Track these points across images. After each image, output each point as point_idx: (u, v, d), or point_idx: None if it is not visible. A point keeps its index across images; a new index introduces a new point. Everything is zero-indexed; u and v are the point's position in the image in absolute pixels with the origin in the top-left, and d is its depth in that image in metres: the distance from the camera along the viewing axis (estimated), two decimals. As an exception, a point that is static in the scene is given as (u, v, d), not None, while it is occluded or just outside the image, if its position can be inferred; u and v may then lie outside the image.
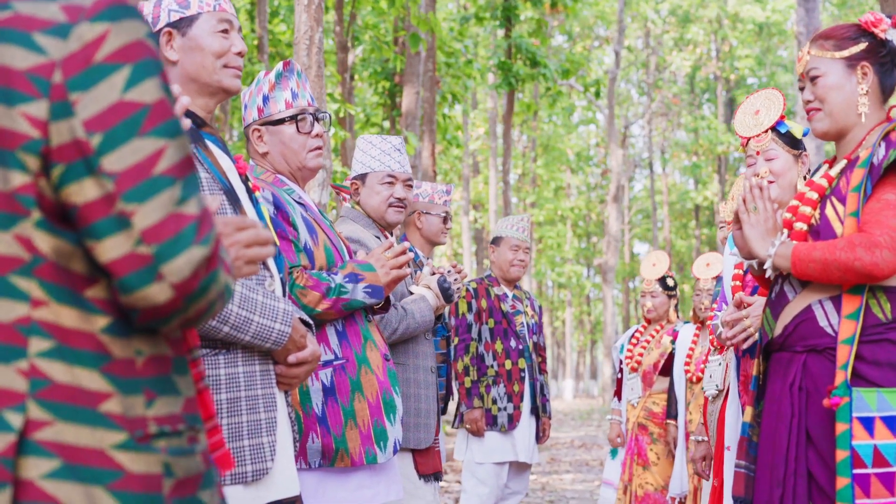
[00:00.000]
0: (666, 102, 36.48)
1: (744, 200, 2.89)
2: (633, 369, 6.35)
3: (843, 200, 2.77)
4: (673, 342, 6.10)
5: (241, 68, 2.57)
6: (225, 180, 2.45)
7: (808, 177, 3.27)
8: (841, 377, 2.65)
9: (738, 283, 3.76)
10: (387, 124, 16.11)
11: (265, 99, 3.21)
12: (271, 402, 2.45)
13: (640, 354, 6.34)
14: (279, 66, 3.24)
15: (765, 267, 2.83)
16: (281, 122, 3.20)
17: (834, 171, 2.83)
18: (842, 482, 2.61)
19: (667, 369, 6.14)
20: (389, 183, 3.98)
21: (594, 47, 34.95)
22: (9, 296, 1.32)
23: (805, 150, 3.67)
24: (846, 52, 2.84)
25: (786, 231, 2.86)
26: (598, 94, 20.38)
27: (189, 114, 2.48)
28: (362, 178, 4.03)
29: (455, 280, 3.97)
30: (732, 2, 33.40)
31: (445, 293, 3.92)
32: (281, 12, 14.85)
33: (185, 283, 1.32)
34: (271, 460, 2.42)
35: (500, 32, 19.59)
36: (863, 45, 2.83)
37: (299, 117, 3.21)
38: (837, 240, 2.71)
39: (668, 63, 35.98)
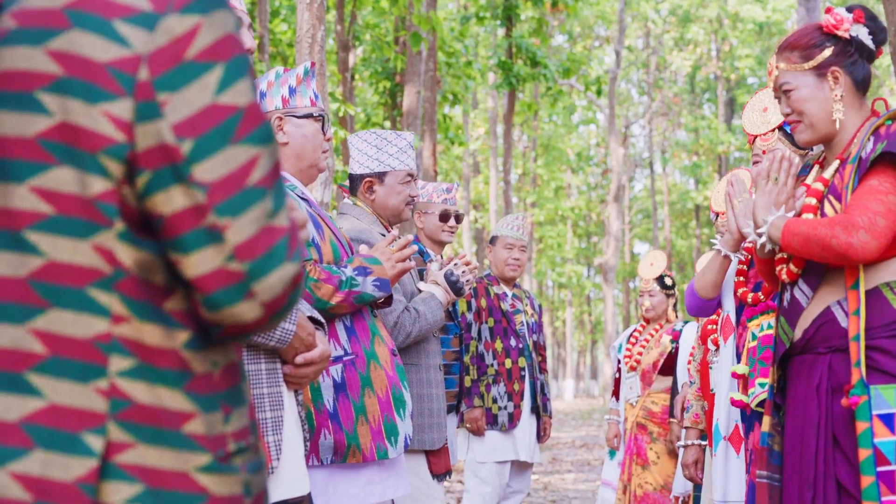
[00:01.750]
0: (666, 102, 36.48)
1: (768, 168, 2.87)
2: (632, 368, 6.35)
3: (839, 198, 2.77)
4: (672, 341, 6.11)
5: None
6: None
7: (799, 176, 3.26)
8: (856, 375, 2.63)
9: (741, 278, 3.76)
10: (387, 124, 16.11)
11: (291, 91, 3.20)
12: (277, 401, 2.44)
13: (640, 354, 6.34)
14: (306, 64, 3.24)
15: (759, 231, 2.83)
16: (306, 117, 3.21)
17: (828, 173, 2.83)
18: (866, 481, 2.59)
19: (666, 369, 6.14)
20: (407, 182, 3.96)
21: (594, 47, 34.95)
22: (87, 310, 1.22)
23: (811, 149, 3.67)
24: (813, 63, 2.81)
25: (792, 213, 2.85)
26: (599, 93, 20.36)
27: None
28: (380, 176, 3.93)
29: (463, 272, 3.92)
30: (733, 1, 33.40)
31: (454, 286, 3.89)
32: (282, 12, 14.85)
33: (275, 302, 1.25)
34: (277, 460, 2.41)
35: (501, 32, 19.59)
36: (829, 51, 2.80)
37: (324, 118, 3.24)
38: (822, 218, 2.72)
39: (668, 63, 35.98)
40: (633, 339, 6.46)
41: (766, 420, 2.88)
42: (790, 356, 2.86)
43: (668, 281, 6.36)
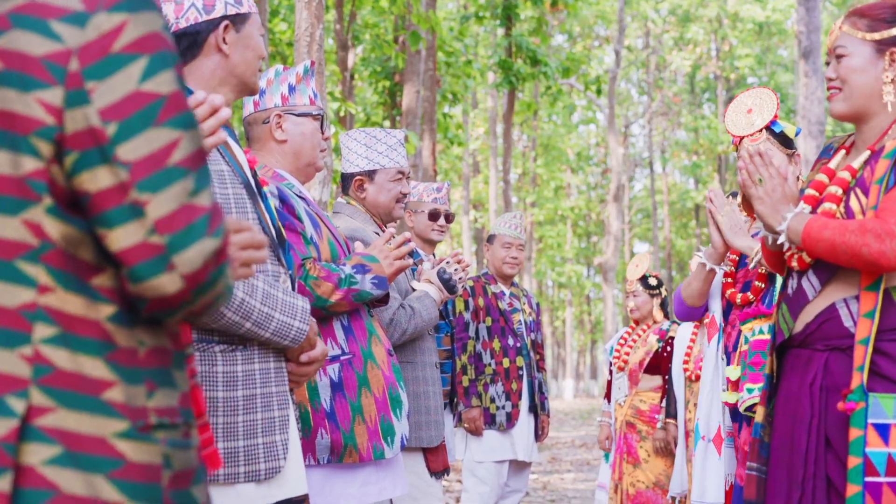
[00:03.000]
0: (666, 102, 36.48)
1: (748, 174, 2.77)
2: (620, 369, 6.41)
3: (867, 192, 2.65)
4: (659, 340, 6.14)
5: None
6: (243, 173, 2.45)
7: (812, 164, 3.22)
8: (857, 380, 2.54)
9: (729, 279, 3.76)
10: (387, 123, 16.11)
11: (291, 88, 3.21)
12: (284, 399, 2.44)
13: (627, 354, 6.39)
14: (306, 62, 3.25)
15: (779, 242, 2.72)
16: (305, 115, 3.21)
17: (857, 163, 2.70)
18: (852, 489, 2.51)
19: (652, 367, 6.17)
20: (398, 179, 3.97)
21: (594, 47, 34.94)
22: (15, 281, 1.32)
23: (797, 150, 3.66)
24: (877, 35, 2.68)
25: (802, 204, 2.74)
26: (598, 93, 20.36)
27: None
28: (370, 174, 3.96)
29: (456, 270, 3.92)
30: (732, 1, 33.38)
31: (447, 284, 3.89)
32: (281, 11, 14.84)
33: (195, 275, 1.33)
34: (284, 458, 2.40)
35: (501, 31, 19.58)
36: None
37: (323, 117, 3.25)
38: (850, 222, 2.59)
39: (668, 62, 35.98)
40: (622, 341, 6.52)
41: (760, 410, 2.81)
42: (786, 347, 2.77)
43: (652, 281, 6.40)
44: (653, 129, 37.50)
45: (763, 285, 3.61)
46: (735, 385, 3.64)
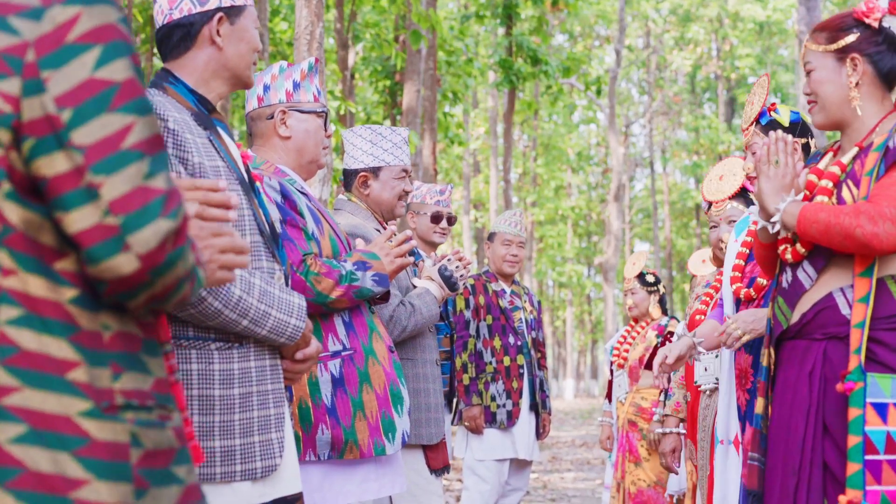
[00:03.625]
0: (667, 101, 36.47)
1: (767, 153, 2.82)
2: (620, 366, 6.42)
3: (858, 184, 2.73)
4: (658, 336, 6.15)
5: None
6: (238, 169, 2.44)
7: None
8: (855, 362, 2.60)
9: (738, 273, 3.75)
10: (387, 123, 16.10)
11: (295, 85, 3.21)
12: (280, 397, 2.43)
13: (626, 351, 6.41)
14: (311, 60, 3.25)
15: (772, 220, 2.77)
16: (309, 112, 3.21)
17: (846, 158, 2.79)
18: (853, 468, 2.57)
19: (652, 363, 6.15)
20: (402, 177, 3.97)
21: (595, 46, 34.94)
22: None
23: (812, 136, 3.66)
24: (835, 45, 2.79)
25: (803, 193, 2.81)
26: (599, 93, 20.37)
27: (201, 99, 2.46)
28: (375, 171, 3.96)
29: (457, 267, 3.92)
30: (733, 1, 33.38)
31: (448, 281, 3.89)
32: (282, 11, 14.84)
33: (151, 255, 1.35)
34: (280, 457, 2.39)
35: (501, 31, 19.58)
36: (853, 36, 2.78)
37: (326, 115, 3.25)
38: (844, 206, 2.67)
39: (668, 62, 35.97)
40: (621, 339, 6.54)
41: (760, 402, 2.85)
42: (782, 340, 2.82)
43: (649, 278, 6.43)
44: (653, 129, 37.50)
45: (766, 283, 3.61)
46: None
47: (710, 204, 4.18)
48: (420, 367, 3.97)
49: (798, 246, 2.78)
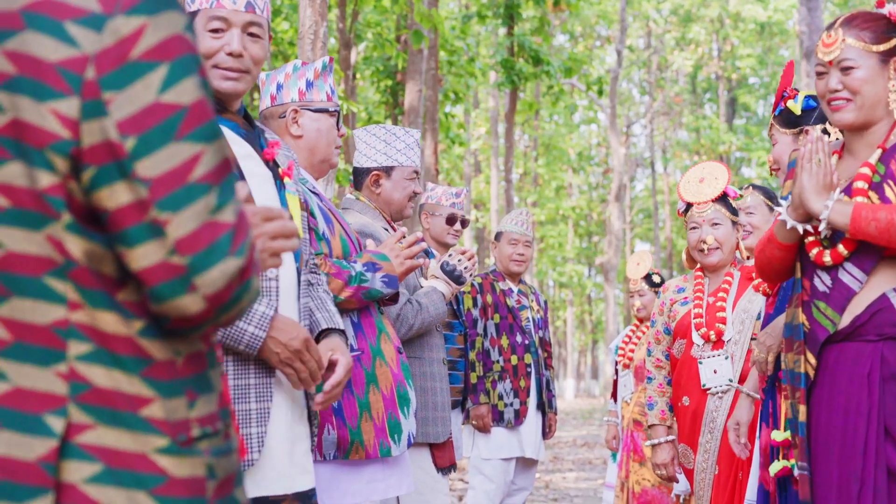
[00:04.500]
0: (668, 102, 36.47)
1: (810, 152, 2.79)
2: (626, 366, 6.39)
3: None
4: None
5: (237, 69, 2.46)
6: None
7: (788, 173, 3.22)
8: None
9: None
10: (389, 122, 16.09)
11: (308, 84, 3.19)
12: (265, 393, 2.39)
13: (632, 351, 6.38)
14: (325, 59, 3.23)
15: (821, 218, 2.72)
16: (322, 111, 3.20)
17: (873, 159, 2.77)
18: None
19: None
20: (413, 178, 3.98)
21: (596, 47, 34.94)
22: (45, 298, 1.27)
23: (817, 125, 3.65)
24: (882, 47, 2.78)
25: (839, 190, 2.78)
26: (600, 93, 20.34)
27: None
28: (388, 170, 3.96)
29: (460, 261, 3.91)
30: (734, 1, 33.38)
31: (452, 275, 3.88)
32: (283, 10, 14.82)
33: (218, 295, 1.28)
34: (258, 451, 2.35)
35: (503, 31, 19.57)
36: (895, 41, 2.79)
37: (339, 114, 3.24)
38: None
39: (669, 62, 35.97)
40: (626, 339, 6.52)
41: (802, 409, 2.79)
42: (825, 343, 2.76)
43: (655, 279, 6.42)
44: (654, 129, 37.49)
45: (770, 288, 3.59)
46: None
47: (689, 205, 4.25)
48: (427, 365, 3.97)
49: (840, 247, 2.74)
